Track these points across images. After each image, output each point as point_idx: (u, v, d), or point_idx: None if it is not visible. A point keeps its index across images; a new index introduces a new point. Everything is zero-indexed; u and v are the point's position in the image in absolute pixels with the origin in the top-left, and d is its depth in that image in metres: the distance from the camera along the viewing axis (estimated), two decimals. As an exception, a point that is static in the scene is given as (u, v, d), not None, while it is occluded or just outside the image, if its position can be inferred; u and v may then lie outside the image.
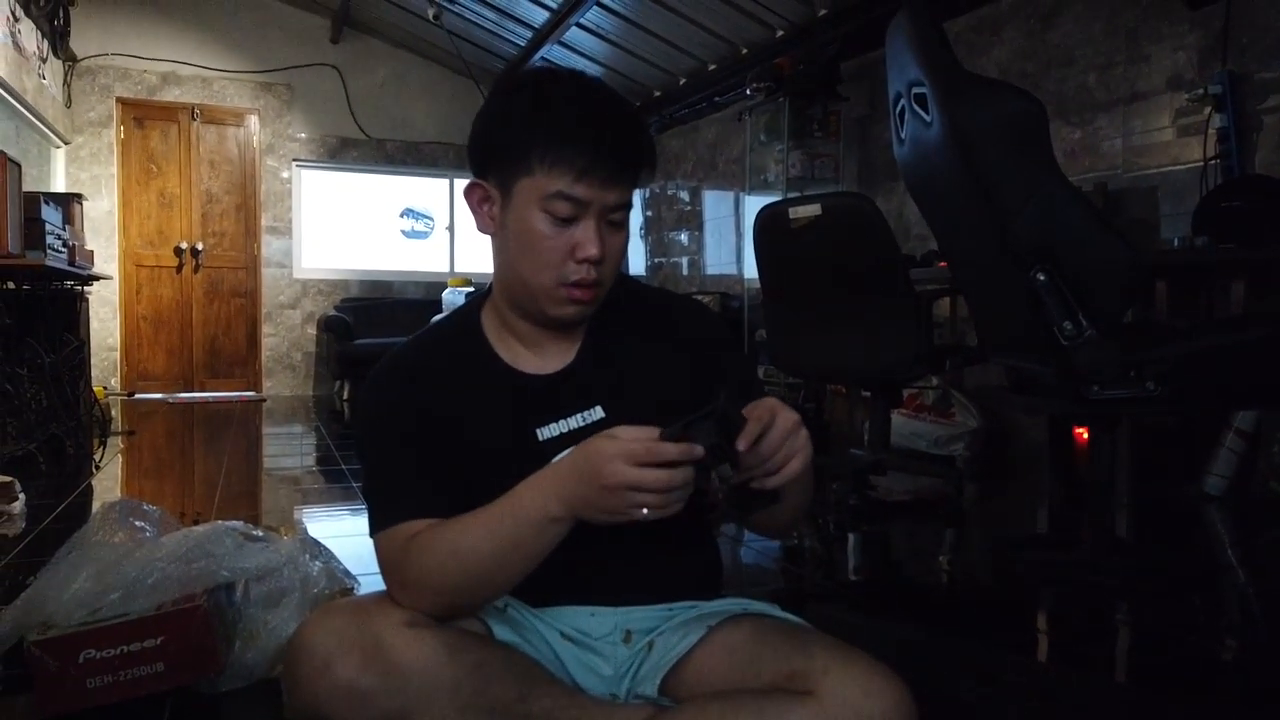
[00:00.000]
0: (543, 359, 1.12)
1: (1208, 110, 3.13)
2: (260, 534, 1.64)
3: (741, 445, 0.88)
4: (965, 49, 4.15)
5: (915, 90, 2.00)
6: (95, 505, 3.08)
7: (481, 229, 1.08)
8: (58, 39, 5.99)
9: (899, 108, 2.15)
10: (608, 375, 1.11)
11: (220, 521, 1.63)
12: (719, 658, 1.02)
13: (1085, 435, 3.15)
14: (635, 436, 0.88)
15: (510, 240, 1.04)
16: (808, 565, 2.50)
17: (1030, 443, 3.72)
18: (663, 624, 1.09)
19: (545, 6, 5.60)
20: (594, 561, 1.05)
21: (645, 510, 0.87)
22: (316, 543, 1.67)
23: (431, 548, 0.98)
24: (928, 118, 1.95)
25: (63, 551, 1.52)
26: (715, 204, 6.38)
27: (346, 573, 1.66)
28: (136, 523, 1.64)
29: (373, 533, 1.05)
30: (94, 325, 5.89)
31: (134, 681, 1.39)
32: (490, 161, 1.05)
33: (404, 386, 1.10)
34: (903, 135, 2.17)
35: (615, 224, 1.04)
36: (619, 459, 0.87)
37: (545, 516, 0.93)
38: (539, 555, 0.96)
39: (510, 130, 1.02)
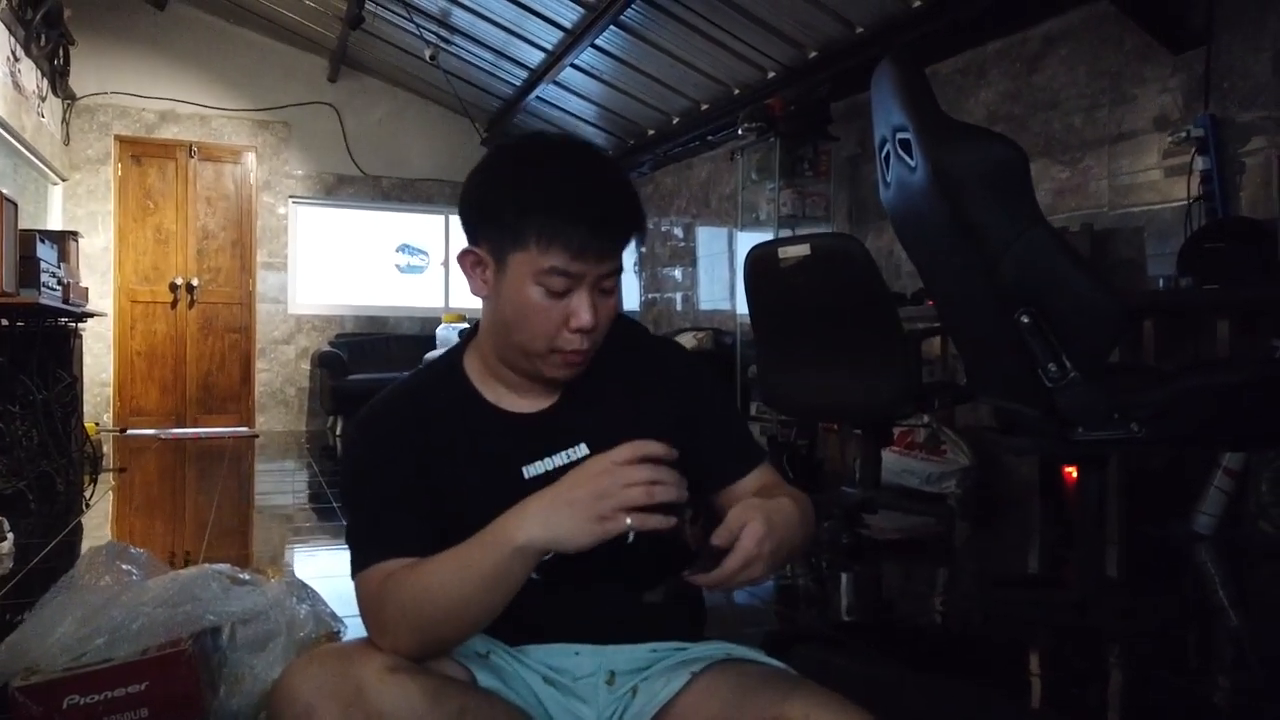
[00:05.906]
0: (527, 399, 1.13)
1: (1192, 151, 3.18)
2: (246, 577, 1.64)
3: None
4: (953, 91, 4.22)
5: (899, 135, 2.03)
6: (85, 544, 3.06)
7: (475, 291, 1.09)
8: (57, 78, 6.05)
9: (884, 151, 2.19)
10: (591, 414, 1.12)
11: (207, 565, 1.62)
12: (702, 704, 1.01)
13: (1075, 474, 3.16)
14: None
15: (504, 307, 1.05)
16: (799, 605, 2.49)
17: (1021, 481, 3.72)
18: (647, 665, 1.09)
19: (541, 48, 5.67)
20: (579, 599, 1.06)
21: (629, 520, 0.88)
22: (303, 585, 1.67)
23: (405, 584, 0.98)
24: (912, 162, 1.98)
25: (48, 595, 1.52)
26: (709, 240, 6.42)
27: (333, 615, 1.66)
28: (123, 566, 1.63)
29: (353, 574, 1.05)
30: (87, 361, 5.89)
31: (117, 728, 1.38)
32: (484, 230, 1.05)
33: (391, 428, 1.11)
34: (888, 179, 2.20)
35: (606, 291, 1.05)
36: (605, 458, 0.92)
37: (514, 544, 0.92)
38: (510, 588, 0.95)
39: (506, 204, 1.02)
